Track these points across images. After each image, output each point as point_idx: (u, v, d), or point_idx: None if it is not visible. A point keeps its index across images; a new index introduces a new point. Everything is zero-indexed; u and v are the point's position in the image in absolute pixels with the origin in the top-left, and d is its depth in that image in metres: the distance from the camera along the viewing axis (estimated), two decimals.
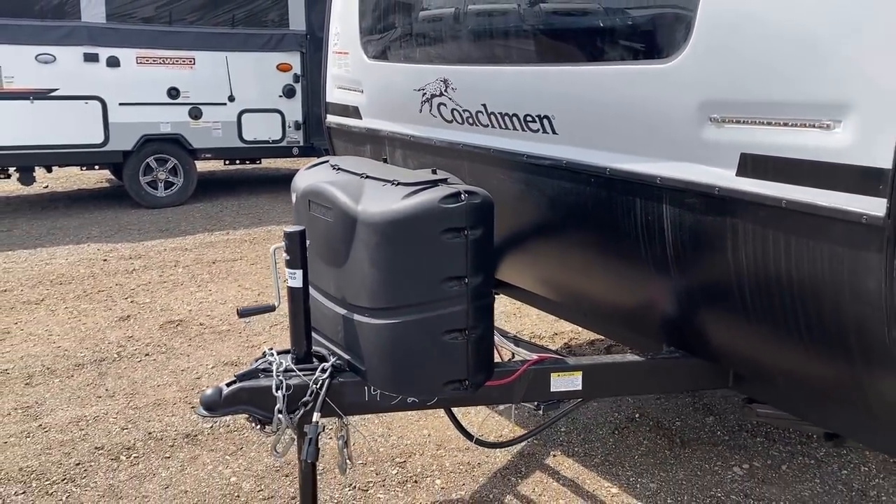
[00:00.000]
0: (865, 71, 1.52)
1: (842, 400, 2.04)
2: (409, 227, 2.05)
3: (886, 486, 2.93)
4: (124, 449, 3.28)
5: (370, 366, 2.22)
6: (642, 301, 2.40)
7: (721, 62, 1.77)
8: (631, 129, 2.04)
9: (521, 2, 2.38)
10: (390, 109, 3.11)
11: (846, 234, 1.60)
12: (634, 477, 3.01)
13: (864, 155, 1.53)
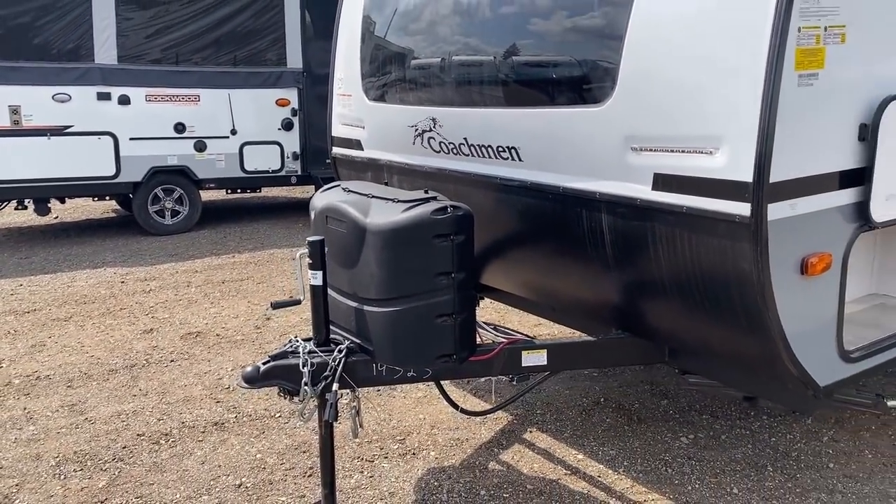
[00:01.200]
0: (732, 114, 2.13)
1: (746, 364, 2.64)
2: (407, 234, 2.65)
3: (805, 448, 3.52)
4: (163, 435, 3.83)
5: (377, 346, 2.80)
6: (594, 294, 3.00)
7: (637, 107, 2.39)
8: (577, 157, 2.65)
9: (494, 58, 3.01)
10: (388, 142, 3.72)
11: (728, 230, 2.21)
12: (597, 446, 3.59)
13: (735, 173, 2.14)
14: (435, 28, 3.34)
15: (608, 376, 4.38)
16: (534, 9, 2.85)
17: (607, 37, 2.49)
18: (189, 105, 8.81)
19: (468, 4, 3.11)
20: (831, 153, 2.25)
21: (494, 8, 3.02)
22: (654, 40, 2.35)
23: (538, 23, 2.83)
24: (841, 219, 2.33)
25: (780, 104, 2.05)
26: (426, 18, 3.35)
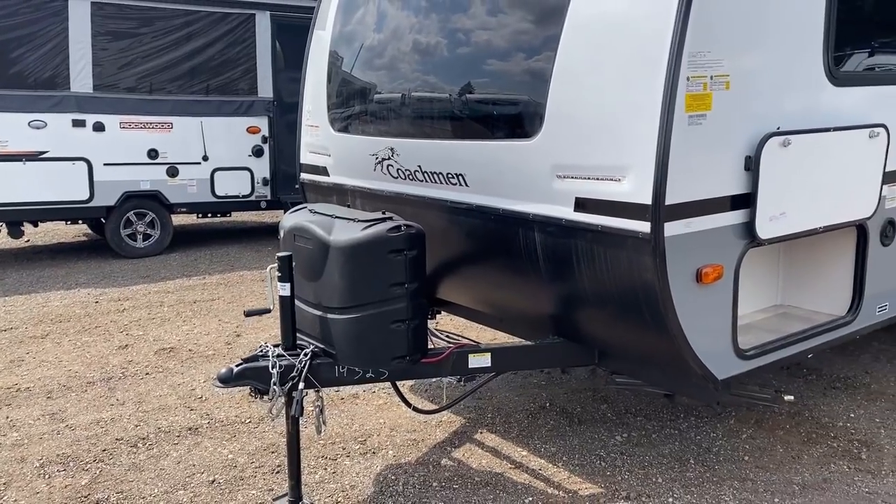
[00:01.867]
0: (635, 148, 2.56)
1: (659, 363, 3.05)
2: (366, 249, 3.02)
3: (725, 444, 3.93)
4: (140, 439, 4.12)
5: (339, 349, 3.16)
6: (532, 304, 3.39)
7: (561, 141, 2.81)
8: (513, 183, 3.06)
9: (443, 96, 3.42)
10: (352, 169, 4.11)
11: (633, 245, 2.62)
12: (540, 444, 3.96)
13: (637, 196, 2.56)
14: (393, 67, 3.75)
15: (555, 384, 4.76)
16: (477, 55, 3.28)
17: (536, 81, 2.92)
18: (162, 132, 9.12)
19: (422, 48, 3.53)
20: (721, 181, 2.69)
21: (444, 53, 3.44)
22: (573, 86, 2.78)
23: (481, 67, 3.25)
24: (731, 236, 2.76)
25: (673, 141, 2.48)
26: (385, 59, 3.77)
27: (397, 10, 3.70)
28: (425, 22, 3.51)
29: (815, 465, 3.71)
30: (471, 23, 3.28)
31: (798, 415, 4.26)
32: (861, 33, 3.12)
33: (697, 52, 2.50)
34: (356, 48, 4.01)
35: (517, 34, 3.09)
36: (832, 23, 2.91)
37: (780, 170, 2.76)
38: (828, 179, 3.01)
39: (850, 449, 3.87)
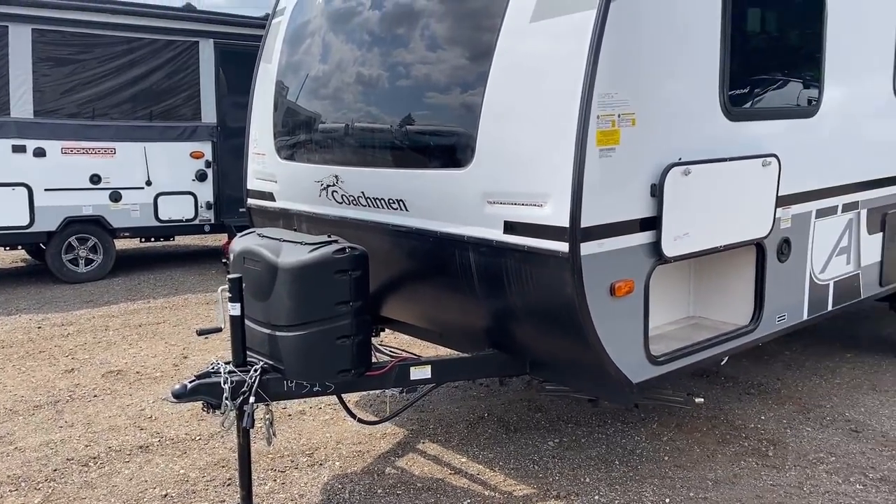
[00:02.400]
0: (554, 178, 2.88)
1: (582, 369, 3.36)
2: (313, 270, 3.26)
3: (647, 446, 4.26)
4: (91, 458, 4.23)
5: (288, 365, 3.38)
6: (469, 319, 3.67)
7: (490, 171, 3.12)
8: (449, 208, 3.35)
9: (385, 128, 3.70)
10: (297, 195, 4.34)
11: (555, 264, 2.93)
12: (479, 451, 4.23)
13: (557, 220, 2.88)
14: (337, 99, 4.02)
15: (493, 395, 5.05)
16: (415, 89, 3.57)
17: (468, 115, 3.22)
18: (105, 157, 9.15)
19: (364, 82, 3.81)
20: (630, 206, 3.03)
21: (384, 86, 3.72)
22: (500, 120, 3.09)
23: (418, 100, 3.55)
24: (641, 254, 3.10)
25: (587, 171, 2.80)
26: (329, 91, 4.03)
27: (341, 44, 3.98)
28: (367, 56, 3.80)
29: (727, 462, 4.07)
30: (409, 58, 3.58)
31: (714, 418, 4.64)
32: (751, 74, 3.53)
33: (606, 93, 2.84)
34: (301, 80, 4.26)
35: (451, 71, 3.40)
36: (726, 66, 3.30)
37: (682, 195, 3.12)
38: (726, 203, 3.39)
39: (759, 447, 4.25)
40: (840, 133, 4.08)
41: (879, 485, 3.83)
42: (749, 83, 3.50)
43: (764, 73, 3.62)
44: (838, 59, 3.96)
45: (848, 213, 4.24)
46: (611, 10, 2.79)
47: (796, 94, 3.83)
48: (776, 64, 3.70)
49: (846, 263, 4.32)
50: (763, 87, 3.62)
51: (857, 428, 4.51)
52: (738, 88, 3.42)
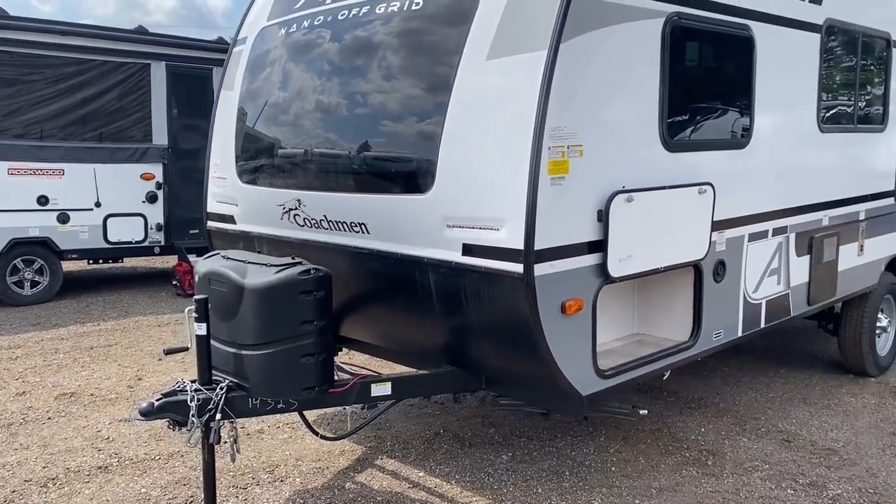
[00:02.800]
0: (509, 204, 3.09)
1: (535, 383, 3.56)
2: (279, 291, 3.39)
3: (596, 458, 4.48)
4: (49, 479, 4.23)
5: (253, 382, 3.49)
6: (428, 337, 3.85)
7: (450, 196, 3.32)
8: (410, 231, 3.53)
9: (348, 154, 3.88)
10: (259, 217, 4.46)
11: (510, 283, 3.13)
12: (435, 466, 4.39)
13: (512, 243, 3.09)
14: (300, 126, 4.17)
15: (448, 412, 5.21)
16: (378, 118, 3.76)
17: (429, 143, 3.42)
18: (53, 178, 9.06)
19: (329, 109, 3.98)
20: (579, 230, 3.26)
21: (348, 114, 3.90)
22: (459, 149, 3.30)
23: (381, 129, 3.73)
24: (589, 274, 3.33)
25: (539, 198, 3.03)
26: (293, 118, 4.19)
27: (304, 74, 4.15)
28: (331, 87, 3.97)
29: (670, 471, 4.32)
30: (372, 89, 3.77)
31: (658, 430, 4.89)
32: (688, 109, 3.82)
33: (556, 126, 3.07)
34: (265, 108, 4.41)
35: (412, 102, 3.60)
36: (665, 102, 3.58)
37: (626, 221, 3.36)
38: (666, 228, 3.65)
39: (700, 457, 4.51)
40: (769, 163, 4.42)
41: (808, 489, 4.12)
42: (686, 117, 3.80)
43: (699, 109, 3.92)
44: (767, 95, 4.31)
45: (778, 236, 4.58)
46: (560, 51, 3.03)
47: (729, 127, 4.15)
48: (711, 100, 4.01)
49: (777, 284, 4.65)
50: (699, 121, 3.92)
51: (788, 438, 4.82)
52: (676, 122, 3.71)
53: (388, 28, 3.71)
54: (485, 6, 3.30)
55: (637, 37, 3.43)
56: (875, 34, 5.44)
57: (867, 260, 5.62)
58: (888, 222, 5.84)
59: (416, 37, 3.60)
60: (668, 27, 3.54)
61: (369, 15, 3.79)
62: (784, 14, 4.38)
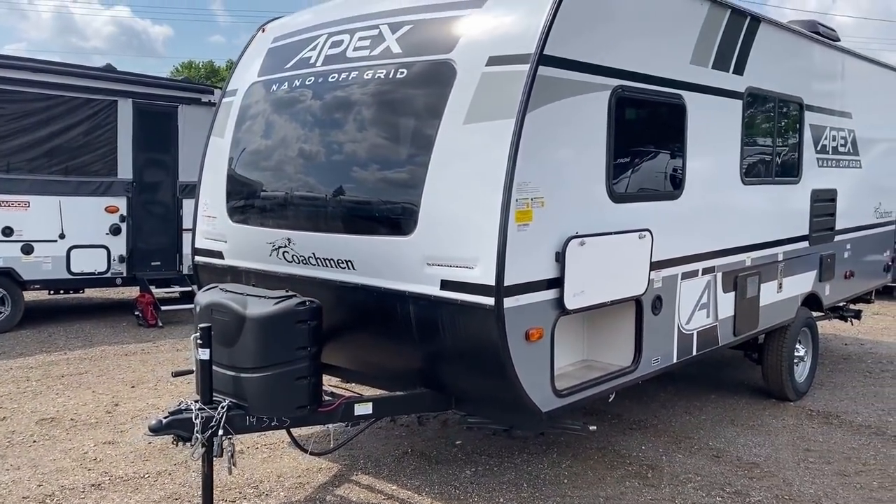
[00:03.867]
0: (482, 246, 3.64)
1: (501, 403, 4.08)
2: (278, 320, 3.85)
3: (549, 472, 5.01)
4: (46, 496, 4.53)
5: (252, 402, 3.91)
6: (405, 362, 4.34)
7: (430, 239, 3.85)
8: (393, 268, 4.04)
9: (335, 198, 4.38)
10: (248, 254, 4.90)
11: (483, 315, 3.67)
12: (406, 480, 4.84)
13: (485, 280, 3.63)
14: (292, 174, 4.66)
15: (414, 434, 5.67)
16: (367, 167, 4.28)
17: (412, 192, 3.94)
18: (18, 210, 9.25)
19: (320, 160, 4.49)
20: (540, 269, 3.82)
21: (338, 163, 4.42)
22: (439, 198, 3.84)
23: (368, 178, 4.26)
24: (548, 307, 3.89)
25: (508, 242, 3.58)
26: (285, 166, 4.67)
27: (298, 127, 4.65)
28: (323, 138, 4.48)
29: (615, 483, 4.87)
30: (361, 143, 4.29)
31: (604, 448, 5.46)
32: (630, 168, 4.46)
33: (522, 182, 3.65)
34: (257, 154, 4.88)
35: (399, 156, 4.14)
36: (611, 162, 4.20)
37: (579, 261, 3.95)
38: (612, 267, 4.25)
39: (640, 471, 5.08)
40: (699, 211, 5.09)
41: (734, 496, 4.72)
42: (628, 173, 4.44)
43: (640, 165, 4.57)
44: (697, 153, 4.99)
45: (707, 275, 5.24)
46: (526, 120, 3.62)
47: (665, 181, 4.81)
48: (649, 158, 4.67)
49: (706, 316, 5.30)
50: (639, 176, 4.56)
51: (717, 454, 5.44)
52: (620, 177, 4.34)
53: (374, 91, 4.26)
54: (461, 79, 3.88)
55: (588, 107, 4.06)
56: (790, 99, 6.25)
57: (785, 296, 6.36)
58: (803, 263, 6.62)
59: (401, 101, 4.15)
60: (613, 98, 4.18)
61: (357, 79, 4.33)
62: (711, 84, 5.10)
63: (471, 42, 3.96)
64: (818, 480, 5.00)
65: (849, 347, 9.23)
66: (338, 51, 4.52)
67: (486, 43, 3.90)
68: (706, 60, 5.03)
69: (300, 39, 4.87)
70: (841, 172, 7.23)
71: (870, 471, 5.18)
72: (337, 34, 4.60)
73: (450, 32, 4.07)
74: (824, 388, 7.20)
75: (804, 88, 6.45)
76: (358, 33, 4.47)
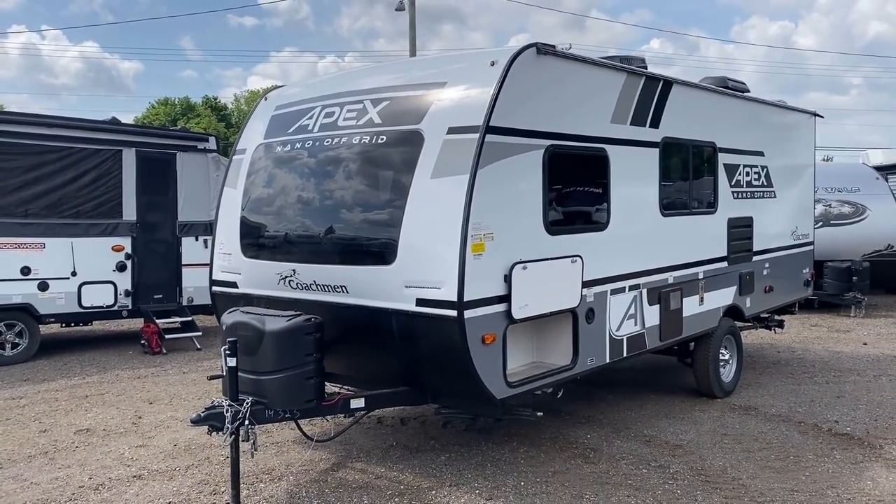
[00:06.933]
0: (446, 272, 4.80)
1: (466, 394, 5.22)
2: (291, 333, 4.97)
3: (510, 457, 6.12)
4: (99, 485, 5.56)
5: (270, 398, 5.00)
6: (390, 367, 5.46)
7: (408, 267, 5.00)
8: (379, 291, 5.17)
9: (333, 237, 5.53)
10: (259, 283, 6.02)
11: (449, 325, 4.80)
12: (393, 464, 5.93)
13: (449, 297, 4.78)
14: (295, 217, 5.81)
15: (398, 431, 6.76)
16: (355, 210, 5.44)
17: (393, 230, 5.09)
18: (35, 251, 10.26)
19: (319, 206, 5.64)
20: (492, 288, 4.97)
21: (334, 211, 5.57)
22: (414, 234, 5.00)
23: (357, 219, 5.41)
24: (500, 317, 5.03)
25: (467, 268, 4.74)
26: (289, 212, 5.82)
27: (299, 180, 5.81)
28: (322, 189, 5.64)
29: (562, 462, 6.00)
30: (353, 193, 5.46)
31: (555, 437, 6.59)
32: (562, 207, 5.68)
33: (476, 222, 4.82)
34: (266, 203, 6.03)
35: (381, 202, 5.30)
36: (546, 203, 5.39)
37: (522, 281, 5.11)
38: (551, 286, 5.43)
39: (584, 453, 6.21)
40: (624, 239, 6.30)
41: (657, 469, 5.86)
42: (561, 212, 5.64)
43: (571, 206, 5.78)
44: (620, 193, 6.21)
45: (633, 291, 6.43)
46: (477, 175, 4.81)
47: (593, 216, 6.02)
48: (578, 199, 5.88)
49: (634, 325, 6.48)
50: (570, 214, 5.77)
51: (649, 440, 6.59)
52: (555, 216, 5.54)
53: (360, 152, 5.44)
54: (428, 144, 5.07)
55: (526, 162, 5.26)
56: (703, 144, 7.54)
57: (707, 308, 7.58)
58: (723, 280, 7.85)
59: (382, 159, 5.34)
60: (546, 154, 5.39)
61: (347, 143, 5.51)
62: (629, 137, 6.35)
63: (435, 115, 5.16)
64: (727, 456, 6.16)
65: (781, 354, 10.49)
66: (331, 120, 5.71)
67: (446, 116, 5.11)
68: (625, 118, 6.28)
69: (299, 109, 6.06)
70: (756, 202, 8.51)
71: (771, 448, 6.37)
72: (329, 106, 5.79)
73: (419, 107, 5.27)
74: (750, 388, 8.41)
75: (716, 134, 7.74)
76: (346, 106, 5.66)
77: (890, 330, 12.55)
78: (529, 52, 5.24)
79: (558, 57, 5.56)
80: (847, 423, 7.03)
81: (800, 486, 5.50)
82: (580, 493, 5.35)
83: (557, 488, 5.44)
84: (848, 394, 8.18)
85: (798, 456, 6.14)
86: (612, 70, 6.20)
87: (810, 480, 5.61)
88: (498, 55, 5.16)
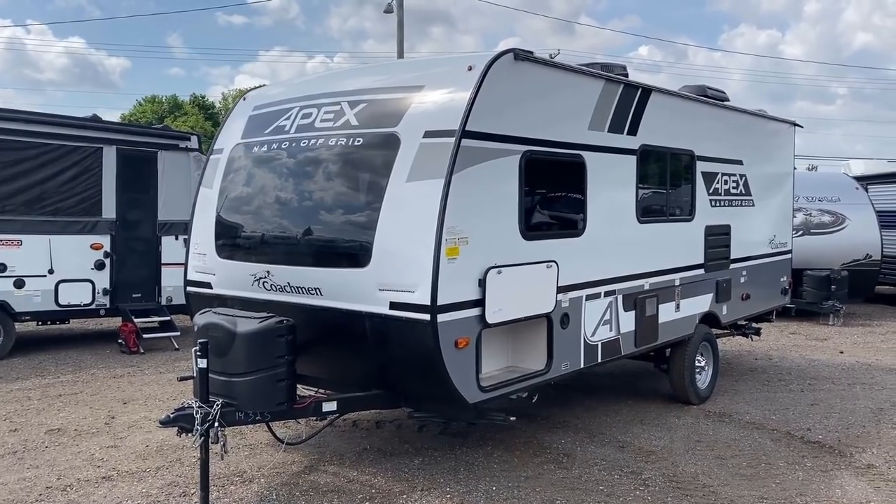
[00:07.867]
0: (420, 276, 4.79)
1: (438, 399, 5.20)
2: (262, 335, 4.93)
3: (484, 460, 6.11)
4: (67, 486, 5.50)
5: (241, 400, 4.96)
6: (363, 370, 5.44)
7: (382, 270, 4.98)
8: (352, 293, 5.16)
9: (307, 239, 5.50)
10: (233, 284, 5.98)
11: (422, 328, 4.79)
12: (365, 468, 5.90)
13: (423, 300, 4.76)
14: (269, 219, 5.78)
15: (372, 435, 6.74)
16: (330, 211, 5.42)
17: (367, 232, 5.07)
18: (11, 248, 10.16)
19: (293, 208, 5.61)
20: (467, 292, 4.97)
21: (306, 208, 5.55)
22: (388, 237, 4.98)
23: (332, 221, 5.39)
24: (474, 321, 5.03)
25: (441, 271, 4.73)
26: (264, 213, 5.79)
27: (274, 181, 5.78)
28: (296, 190, 5.62)
29: (536, 467, 6.00)
30: (326, 194, 5.43)
31: (529, 441, 6.59)
32: (538, 212, 5.68)
33: (451, 226, 4.81)
34: (241, 203, 5.99)
35: (356, 205, 5.28)
36: (522, 208, 5.39)
37: (497, 286, 5.11)
38: (526, 290, 5.43)
39: (557, 458, 6.22)
40: (599, 246, 6.31)
41: (630, 475, 5.88)
42: (537, 217, 5.65)
43: (547, 211, 5.79)
44: (596, 199, 6.22)
45: (608, 297, 6.45)
46: (452, 180, 4.81)
47: (569, 222, 6.04)
48: (555, 204, 5.90)
49: (609, 330, 6.50)
50: (546, 219, 5.78)
51: (623, 445, 6.61)
52: (531, 221, 5.55)
53: (336, 154, 5.43)
54: (404, 147, 5.06)
55: (502, 168, 5.26)
56: (681, 152, 7.58)
57: (683, 315, 7.61)
58: (700, 287, 7.89)
59: (358, 162, 5.33)
60: (523, 160, 5.40)
61: (324, 145, 5.49)
62: (607, 144, 6.37)
63: (411, 118, 5.15)
64: (700, 462, 6.19)
65: (758, 361, 10.56)
66: (308, 121, 5.69)
67: (422, 119, 5.10)
68: (602, 126, 6.30)
69: (276, 110, 6.03)
70: (734, 210, 8.57)
71: (743, 455, 6.40)
72: (307, 107, 5.77)
73: (396, 110, 5.27)
74: (726, 394, 8.45)
75: (695, 142, 7.78)
76: (324, 108, 5.64)
77: (866, 339, 12.67)
78: (507, 58, 5.25)
79: (536, 63, 5.57)
80: (819, 431, 7.08)
81: (769, 493, 5.53)
82: (551, 499, 5.35)
83: (529, 493, 5.44)
84: (822, 402, 8.24)
85: (769, 463, 6.17)
86: (589, 77, 6.22)
87: (780, 488, 5.64)
88: (475, 60, 5.17)
